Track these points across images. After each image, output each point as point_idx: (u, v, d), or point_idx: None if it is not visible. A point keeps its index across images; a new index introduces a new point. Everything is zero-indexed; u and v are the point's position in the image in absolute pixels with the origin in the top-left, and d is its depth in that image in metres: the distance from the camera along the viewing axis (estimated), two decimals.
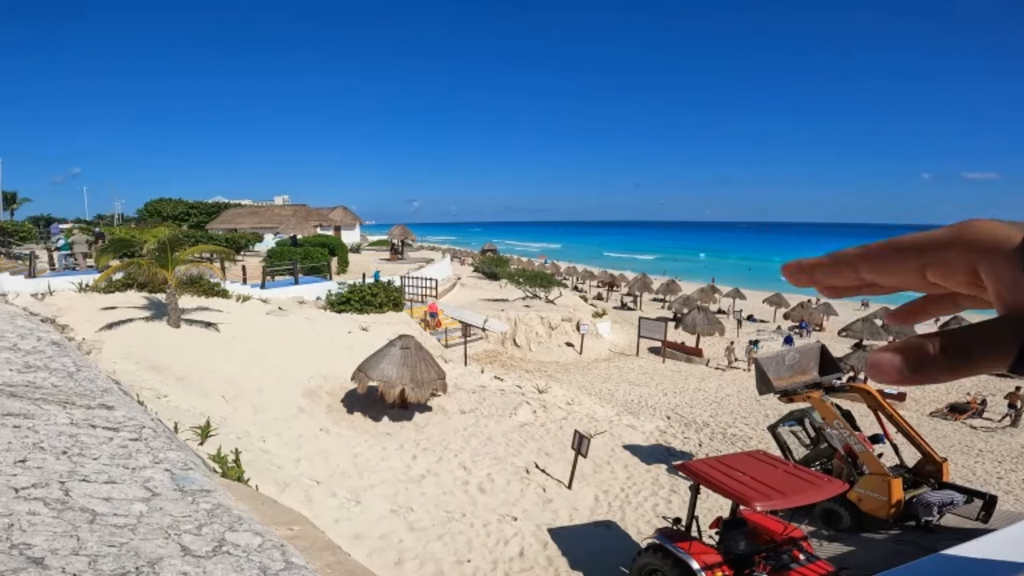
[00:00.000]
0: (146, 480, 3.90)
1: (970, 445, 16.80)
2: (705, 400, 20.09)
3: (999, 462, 15.40)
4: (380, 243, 55.64)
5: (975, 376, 0.37)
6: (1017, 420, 18.59)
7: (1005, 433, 17.95)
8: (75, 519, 2.91)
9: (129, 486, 3.61)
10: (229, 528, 3.84)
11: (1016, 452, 16.22)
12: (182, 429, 8.17)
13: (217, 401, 11.28)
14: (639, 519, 10.23)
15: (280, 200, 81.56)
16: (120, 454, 4.35)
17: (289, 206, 55.19)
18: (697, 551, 6.73)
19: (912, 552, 8.63)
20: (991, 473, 14.54)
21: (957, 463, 14.62)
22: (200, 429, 8.45)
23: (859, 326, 28.77)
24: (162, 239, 15.06)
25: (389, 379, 12.79)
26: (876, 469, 10.15)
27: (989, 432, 18.07)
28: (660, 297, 46.16)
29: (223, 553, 3.38)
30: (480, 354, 23.82)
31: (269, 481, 7.74)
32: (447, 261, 42.72)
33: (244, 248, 38.33)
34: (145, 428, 5.35)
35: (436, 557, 7.61)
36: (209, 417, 9.36)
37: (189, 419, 9.01)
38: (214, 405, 10.88)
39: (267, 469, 8.47)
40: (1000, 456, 15.90)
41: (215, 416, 9.82)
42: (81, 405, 5.50)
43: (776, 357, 12.02)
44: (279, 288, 24.97)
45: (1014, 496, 12.99)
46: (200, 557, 3.02)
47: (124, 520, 3.05)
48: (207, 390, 11.73)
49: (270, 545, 3.97)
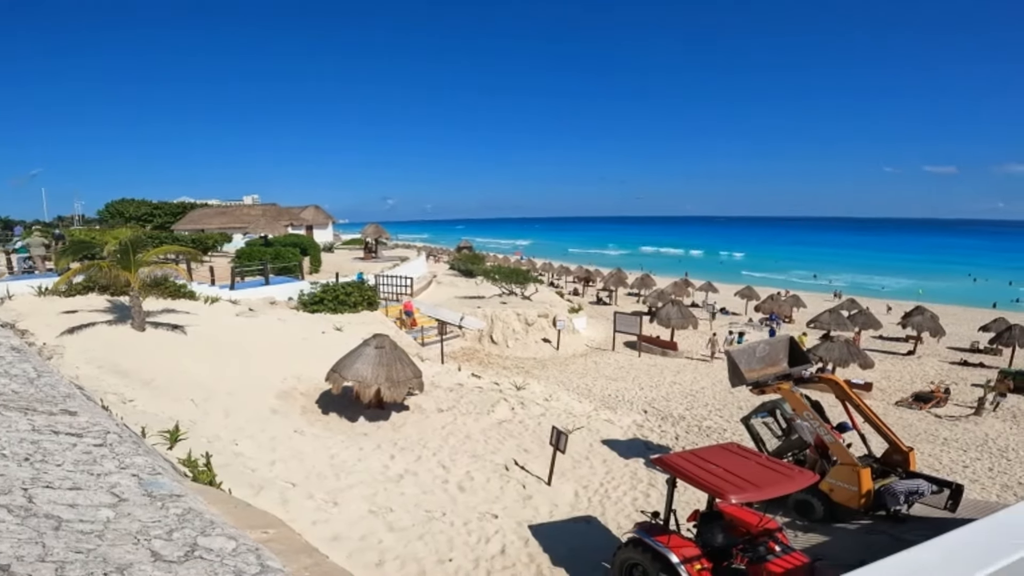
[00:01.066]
0: (112, 486, 3.76)
1: (935, 434, 17.20)
2: (680, 393, 20.39)
3: (964, 451, 15.76)
4: (354, 242, 54.97)
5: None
6: (980, 409, 19.10)
7: (969, 422, 18.34)
8: (40, 526, 2.80)
9: (95, 492, 3.49)
10: (201, 533, 3.73)
11: (980, 441, 16.62)
12: (150, 434, 7.91)
13: (186, 405, 10.96)
14: (619, 513, 10.28)
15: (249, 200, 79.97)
16: (84, 460, 4.20)
17: (259, 205, 54.12)
18: (676, 544, 6.78)
19: (883, 542, 8.77)
20: (956, 462, 14.86)
21: (923, 452, 14.92)
22: (169, 434, 8.19)
23: (826, 318, 29.55)
24: (123, 240, 14.61)
25: (364, 379, 12.62)
26: (845, 459, 10.27)
27: (953, 421, 18.50)
28: (635, 291, 46.69)
29: (195, 558, 3.28)
30: (457, 352, 23.73)
31: (243, 484, 7.55)
32: (422, 259, 42.43)
33: (212, 249, 37.53)
34: (110, 433, 5.18)
35: (417, 557, 7.53)
36: (178, 421, 9.09)
37: (157, 424, 8.74)
38: (183, 409, 10.56)
39: (240, 472, 8.27)
40: (965, 445, 16.26)
41: (184, 420, 9.54)
42: (43, 411, 5.29)
43: (747, 349, 12.19)
44: (249, 289, 24.46)
45: (980, 485, 13.29)
46: (172, 562, 2.92)
47: (91, 526, 2.94)
48: (175, 394, 11.39)
49: (245, 549, 3.87)
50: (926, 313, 29.97)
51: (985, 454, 15.55)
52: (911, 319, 29.87)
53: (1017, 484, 13.39)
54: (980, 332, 30.11)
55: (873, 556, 6.77)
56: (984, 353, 28.64)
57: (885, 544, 8.64)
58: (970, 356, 28.43)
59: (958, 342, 31.21)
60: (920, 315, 29.78)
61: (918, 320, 29.51)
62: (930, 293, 50.73)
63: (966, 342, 30.80)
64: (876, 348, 29.14)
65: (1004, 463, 14.82)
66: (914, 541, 6.48)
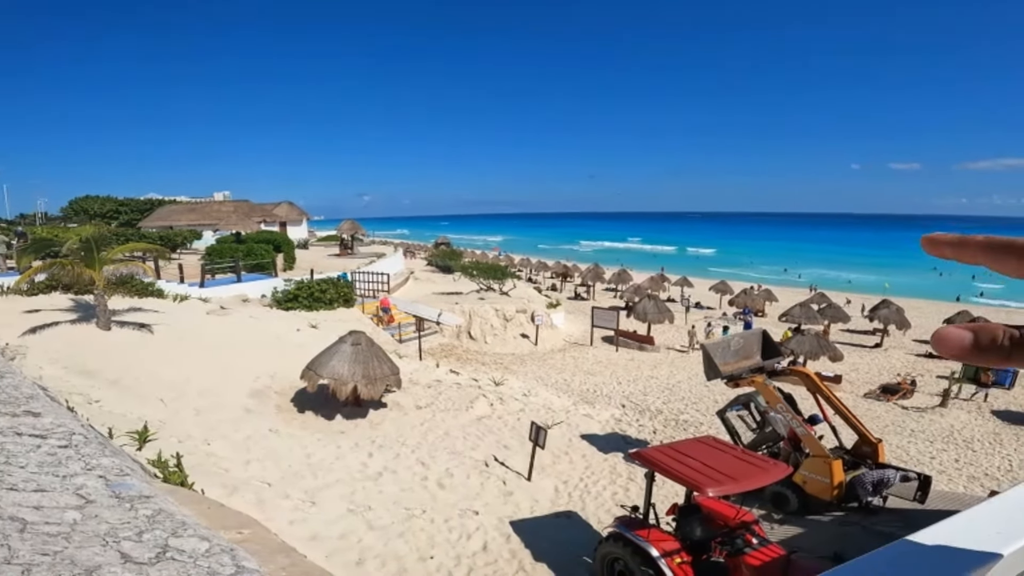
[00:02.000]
0: (79, 487, 3.63)
1: (903, 425, 17.52)
2: (658, 387, 20.59)
3: (930, 442, 16.07)
4: (329, 238, 54.23)
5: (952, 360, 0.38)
6: (946, 401, 19.47)
7: (935, 413, 18.70)
8: (4, 528, 2.70)
9: (60, 494, 3.36)
10: (172, 534, 3.63)
11: (946, 432, 16.95)
12: (117, 435, 7.66)
13: (155, 405, 10.66)
14: (599, 508, 10.33)
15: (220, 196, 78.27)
16: (49, 462, 4.05)
17: (230, 202, 52.89)
18: (656, 538, 6.83)
19: (855, 533, 8.93)
20: (924, 453, 15.14)
21: (891, 443, 15.16)
22: (137, 434, 7.95)
23: (797, 311, 30.14)
24: (86, 237, 14.14)
25: (340, 376, 12.43)
26: (817, 451, 10.44)
27: (920, 412, 18.86)
28: (612, 287, 47.07)
29: (167, 559, 3.18)
30: (435, 348, 23.59)
31: (216, 485, 7.36)
32: (399, 255, 42.06)
33: (181, 246, 36.69)
34: (75, 435, 5.01)
35: (398, 555, 7.46)
36: (146, 422, 8.83)
37: (125, 424, 8.47)
38: (152, 409, 10.26)
39: (213, 473, 8.07)
40: (931, 436, 16.58)
41: (153, 420, 9.27)
42: (5, 412, 5.09)
43: (722, 343, 12.28)
44: (220, 286, 23.98)
45: (947, 476, 13.55)
46: (142, 564, 2.82)
47: (57, 528, 2.83)
48: (143, 394, 11.06)
49: (219, 549, 3.77)
50: (892, 306, 30.71)
51: (951, 445, 15.86)
52: (878, 312, 30.58)
53: (983, 475, 13.67)
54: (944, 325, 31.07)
55: (847, 547, 6.89)
56: None
57: (858, 535, 8.82)
58: None
59: (923, 335, 32.06)
60: (886, 308, 30.53)
61: (884, 313, 30.25)
62: (896, 287, 52.08)
63: (931, 334, 31.73)
64: (845, 341, 29.80)
65: (970, 454, 15.16)
66: (886, 532, 6.61)
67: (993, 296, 49.24)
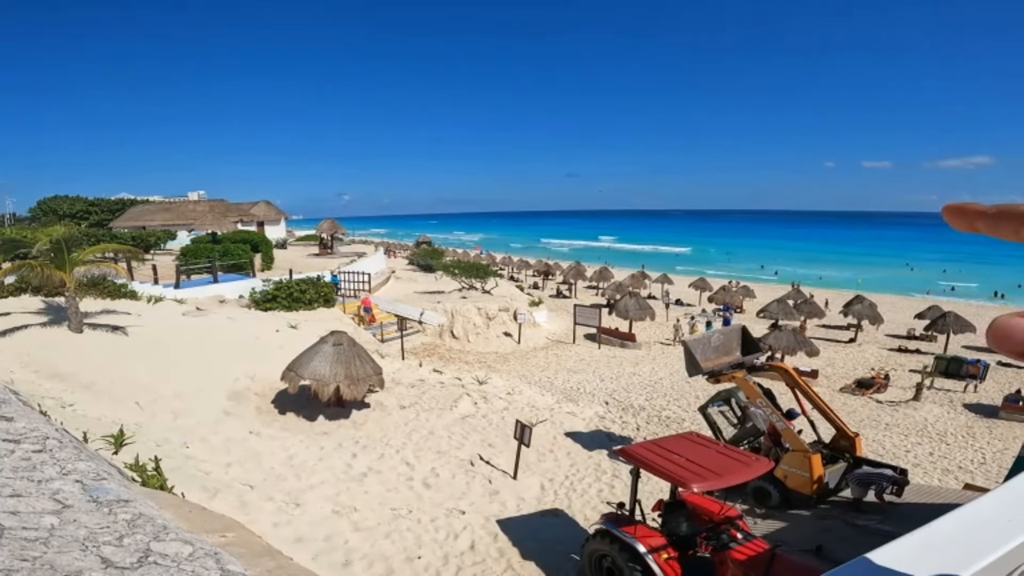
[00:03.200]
0: (55, 492, 3.51)
1: (877, 419, 17.84)
2: (640, 384, 20.73)
3: (905, 435, 16.37)
4: (308, 238, 53.57)
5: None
6: (918, 395, 19.84)
7: (908, 407, 19.03)
8: None
9: (37, 499, 3.24)
10: (154, 538, 3.54)
11: (920, 425, 17.29)
12: (92, 439, 7.44)
13: (130, 408, 10.38)
14: (585, 505, 10.35)
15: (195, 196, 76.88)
16: (23, 467, 3.92)
17: (205, 201, 51.88)
18: (642, 534, 6.87)
19: (837, 527, 9.02)
20: (899, 446, 15.41)
21: (867, 437, 15.28)
22: (113, 438, 7.72)
23: (775, 307, 30.61)
24: (56, 238, 13.72)
25: (322, 377, 12.27)
26: (797, 446, 10.54)
27: (894, 406, 19.20)
28: (594, 284, 47.28)
29: (150, 564, 3.09)
30: (418, 347, 23.44)
31: (196, 488, 7.20)
32: (380, 254, 41.70)
33: (154, 247, 35.93)
34: (49, 439, 4.87)
35: (385, 556, 7.38)
36: (122, 425, 8.59)
37: (100, 428, 8.23)
38: (127, 412, 9.99)
39: (193, 476, 7.88)
40: (906, 430, 16.90)
41: (129, 424, 9.03)
42: None
43: (703, 339, 12.37)
44: (196, 287, 23.53)
45: (922, 469, 13.79)
46: (124, 568, 2.73)
47: (35, 534, 2.73)
48: (118, 397, 10.77)
49: (202, 553, 3.68)
50: (865, 302, 31.37)
51: (925, 439, 16.16)
52: (852, 308, 31.22)
53: (957, 468, 13.96)
54: (916, 319, 31.86)
55: (828, 541, 6.98)
56: (920, 340, 30.20)
57: (839, 529, 8.93)
58: (907, 343, 29.96)
59: (896, 329, 32.87)
60: (860, 304, 31.18)
61: (858, 308, 30.90)
62: (868, 283, 53.19)
63: (903, 329, 32.42)
64: (820, 336, 30.34)
65: (944, 447, 15.47)
66: (865, 526, 6.71)
67: (963, 292, 50.63)
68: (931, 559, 0.86)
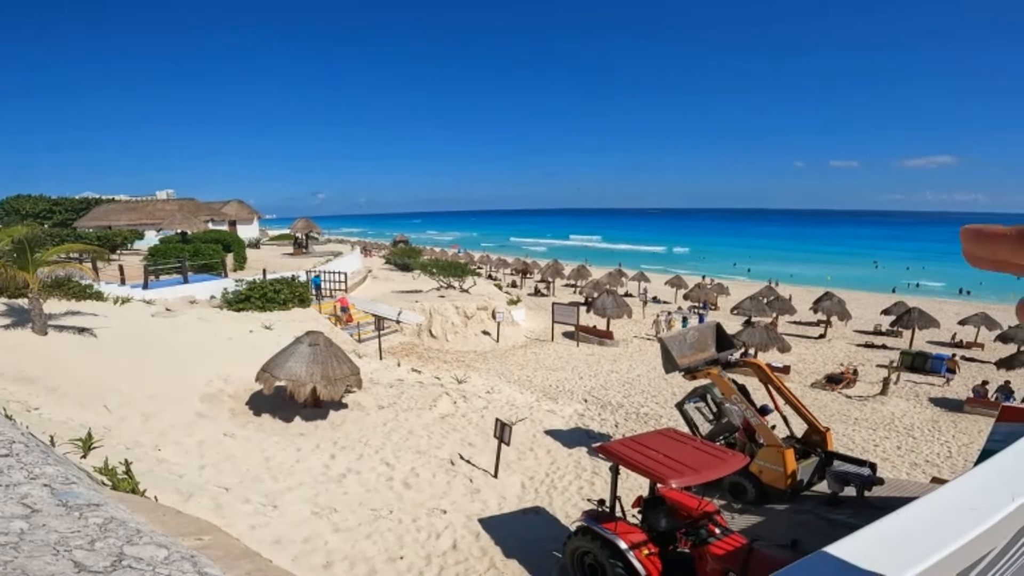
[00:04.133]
0: (23, 497, 3.39)
1: (847, 414, 18.22)
2: (618, 381, 20.90)
3: (873, 430, 16.73)
4: (282, 237, 52.71)
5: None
6: (885, 389, 20.39)
7: (876, 401, 19.49)
8: None
9: (4, 504, 3.13)
10: (127, 542, 3.44)
11: (887, 420, 17.68)
12: (60, 442, 7.18)
13: (99, 411, 10.05)
14: (566, 503, 10.37)
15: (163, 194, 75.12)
16: None
17: (174, 200, 50.66)
18: (623, 531, 6.90)
19: (811, 521, 9.20)
20: (868, 441, 15.73)
21: (838, 432, 15.59)
22: (81, 441, 7.47)
23: (748, 304, 31.18)
24: (19, 238, 13.29)
25: (298, 377, 12.07)
26: (771, 441, 10.69)
27: (863, 401, 19.66)
28: (571, 282, 47.52)
29: (124, 568, 3.01)
30: (396, 347, 23.24)
31: (169, 491, 7.00)
32: (357, 254, 41.21)
33: (121, 247, 34.99)
34: (16, 443, 4.70)
35: (367, 556, 7.28)
36: (90, 428, 8.32)
37: (67, 432, 7.95)
38: (95, 416, 9.68)
39: (166, 479, 7.67)
40: (874, 424, 17.27)
41: (97, 427, 8.75)
42: None
43: (678, 336, 12.45)
44: (165, 288, 22.96)
45: (891, 463, 14.10)
46: (97, 573, 2.65)
47: (4, 538, 2.63)
48: (85, 400, 10.42)
49: (178, 557, 3.59)
50: (834, 298, 32.14)
51: (893, 433, 16.53)
52: (821, 304, 31.98)
53: (924, 462, 14.32)
54: (882, 315, 32.78)
55: (803, 535, 7.12)
56: (886, 335, 31.12)
57: (813, 523, 9.10)
58: (874, 338, 30.84)
59: (863, 325, 33.80)
60: (829, 300, 31.94)
61: (827, 305, 31.66)
62: (837, 280, 54.50)
63: (870, 325, 33.35)
64: (791, 332, 31.01)
65: (911, 441, 15.87)
66: (838, 520, 6.87)
67: (928, 290, 52.25)
68: (897, 548, 0.87)
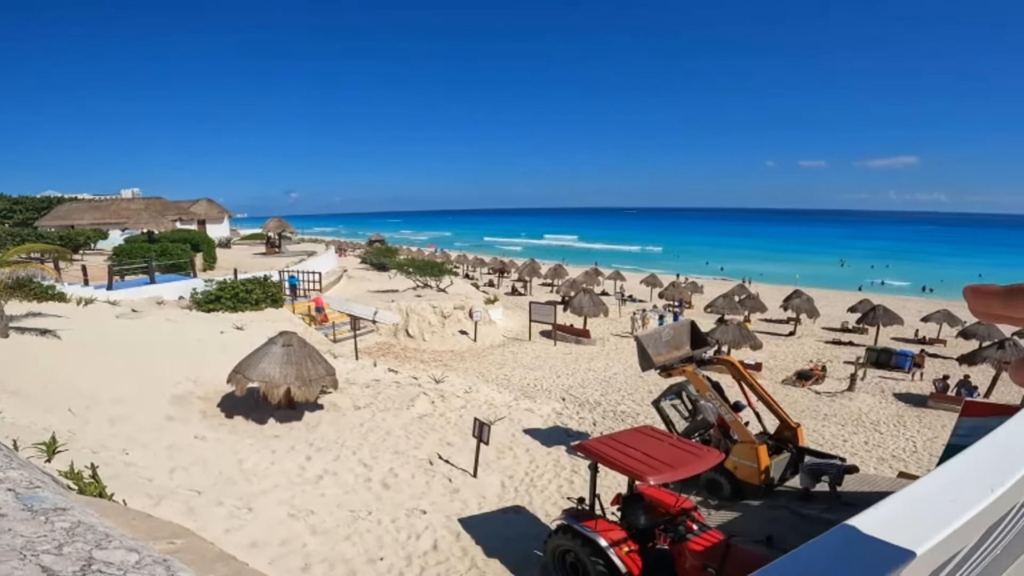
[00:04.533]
0: None
1: (816, 410, 18.59)
2: (595, 380, 21.01)
3: (842, 425, 17.08)
4: (254, 237, 51.65)
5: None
6: (852, 385, 20.88)
7: (844, 397, 19.94)
8: None
9: None
10: (96, 546, 3.32)
11: (855, 415, 18.07)
12: (24, 446, 6.88)
13: (63, 415, 9.67)
14: (546, 501, 10.37)
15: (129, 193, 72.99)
16: None
17: (140, 199, 49.20)
18: (603, 528, 6.94)
19: (785, 517, 9.34)
20: (837, 436, 16.05)
21: (808, 427, 15.73)
22: (45, 445, 7.18)
23: (721, 303, 31.74)
24: None
25: (271, 379, 11.81)
26: (744, 437, 10.86)
27: (831, 397, 20.10)
28: (548, 281, 47.66)
29: (94, 573, 2.90)
30: (372, 347, 22.97)
31: (139, 495, 6.76)
32: (331, 253, 40.60)
33: (84, 246, 33.87)
34: None
35: (346, 558, 7.15)
36: (55, 432, 8.00)
37: (30, 436, 7.61)
38: (59, 419, 9.31)
39: (134, 483, 7.41)
40: (842, 420, 17.63)
41: (62, 431, 8.41)
42: None
43: (654, 334, 12.58)
44: (131, 288, 22.30)
45: (859, 458, 14.22)
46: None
47: None
48: (49, 403, 10.01)
49: (150, 561, 3.48)
50: (803, 296, 32.91)
51: (860, 428, 16.88)
52: (791, 302, 32.68)
53: (891, 456, 14.64)
54: (849, 313, 33.66)
55: (777, 531, 7.24)
56: (853, 332, 31.97)
57: (787, 519, 9.26)
58: (841, 335, 31.63)
59: (831, 322, 34.64)
60: (798, 298, 32.67)
61: (797, 303, 32.38)
62: (805, 278, 55.73)
63: (837, 322, 34.19)
64: (763, 330, 31.53)
65: (877, 436, 16.23)
66: (810, 515, 7.02)
67: (892, 287, 53.91)
68: (883, 538, 0.88)
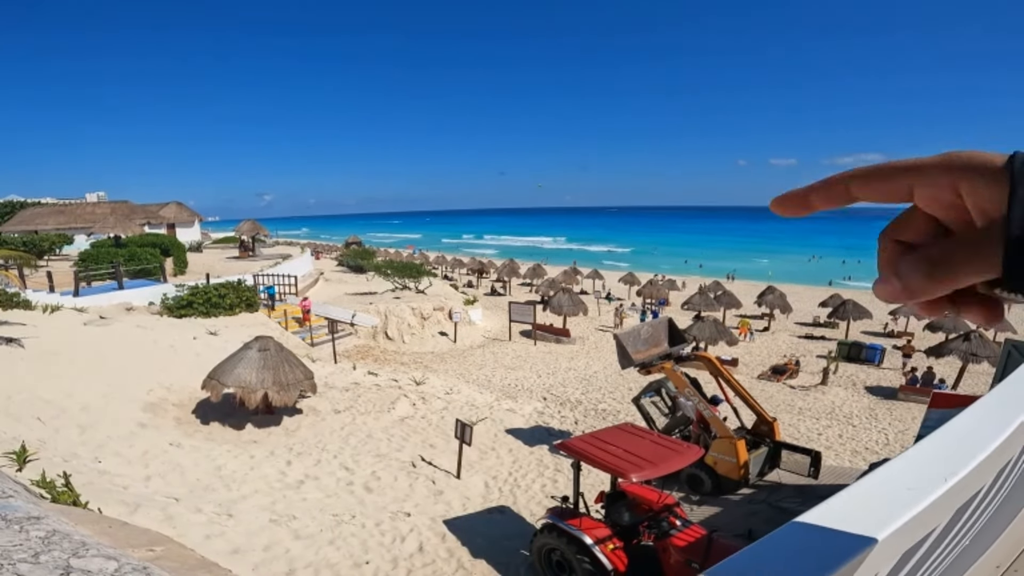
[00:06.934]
0: None
1: (791, 404, 18.89)
2: (576, 379, 21.10)
3: (816, 419, 17.39)
4: (227, 240, 50.66)
5: (952, 287, 0.36)
6: (825, 379, 21.25)
7: (817, 391, 20.33)
8: None
9: None
10: (73, 554, 3.22)
11: (829, 409, 18.41)
12: None
13: (31, 424, 9.32)
14: (530, 501, 10.37)
15: (94, 197, 71.01)
16: None
17: (106, 203, 47.81)
18: (588, 526, 6.98)
19: (763, 511, 9.50)
20: (812, 430, 16.33)
21: (784, 421, 16.04)
22: (15, 455, 6.92)
23: (697, 299, 32.18)
24: None
25: (248, 384, 11.58)
26: (723, 432, 11.00)
27: (805, 391, 20.46)
28: (527, 281, 47.70)
29: None
30: (351, 350, 22.69)
31: (114, 503, 6.55)
32: (307, 256, 40.02)
33: (49, 252, 32.79)
34: None
35: (331, 563, 7.04)
36: (24, 441, 7.71)
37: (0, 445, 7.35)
38: (28, 429, 8.97)
39: (109, 490, 7.17)
40: (817, 413, 17.95)
41: (31, 440, 8.12)
42: None
43: (633, 332, 12.65)
44: (98, 295, 21.67)
45: (834, 451, 14.61)
46: None
47: None
48: (16, 413, 9.64)
49: (129, 568, 3.39)
50: (776, 292, 33.53)
51: (834, 422, 17.21)
52: (765, 298, 33.30)
53: (864, 449, 14.93)
54: (820, 308, 34.47)
55: (757, 524, 7.39)
56: (824, 327, 32.70)
57: (765, 512, 9.42)
58: (813, 330, 32.30)
59: (803, 317, 35.36)
60: (771, 294, 33.27)
61: (770, 299, 33.02)
62: (778, 274, 56.77)
63: (809, 317, 34.91)
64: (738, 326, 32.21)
65: (851, 429, 16.55)
66: (789, 508, 7.18)
67: (860, 283, 55.32)
68: (844, 528, 0.90)
